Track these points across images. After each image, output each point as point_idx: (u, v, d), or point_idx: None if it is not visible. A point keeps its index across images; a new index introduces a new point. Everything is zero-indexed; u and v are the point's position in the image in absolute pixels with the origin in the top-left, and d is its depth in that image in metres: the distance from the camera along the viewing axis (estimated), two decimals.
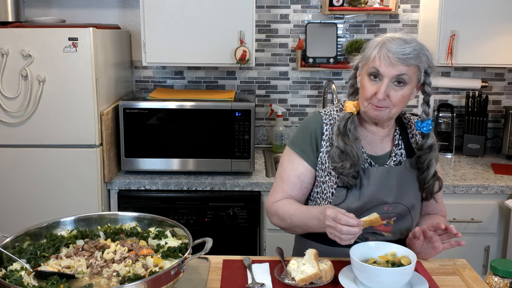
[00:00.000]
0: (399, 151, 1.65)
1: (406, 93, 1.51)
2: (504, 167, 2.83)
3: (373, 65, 1.50)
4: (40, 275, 1.28)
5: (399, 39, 1.49)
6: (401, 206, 1.59)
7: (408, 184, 1.61)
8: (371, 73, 1.51)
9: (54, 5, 3.09)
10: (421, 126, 1.60)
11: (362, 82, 1.55)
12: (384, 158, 1.63)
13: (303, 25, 3.13)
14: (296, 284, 1.39)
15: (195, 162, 2.66)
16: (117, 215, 1.58)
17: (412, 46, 1.48)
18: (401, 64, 1.47)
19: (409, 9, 3.12)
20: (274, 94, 3.22)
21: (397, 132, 1.67)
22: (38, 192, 2.52)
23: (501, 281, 1.40)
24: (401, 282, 1.36)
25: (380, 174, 1.59)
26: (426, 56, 1.52)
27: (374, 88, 1.50)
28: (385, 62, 1.47)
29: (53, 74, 2.42)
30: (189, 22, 2.73)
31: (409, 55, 1.47)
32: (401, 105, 1.53)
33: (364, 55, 1.56)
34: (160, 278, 1.22)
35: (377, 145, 1.65)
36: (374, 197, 1.57)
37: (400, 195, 1.59)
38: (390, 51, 1.47)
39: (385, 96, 1.49)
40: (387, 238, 1.60)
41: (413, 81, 1.51)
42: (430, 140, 1.60)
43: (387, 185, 1.58)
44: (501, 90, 3.22)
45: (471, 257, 2.33)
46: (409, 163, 1.63)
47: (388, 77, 1.48)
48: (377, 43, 1.52)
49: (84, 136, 2.48)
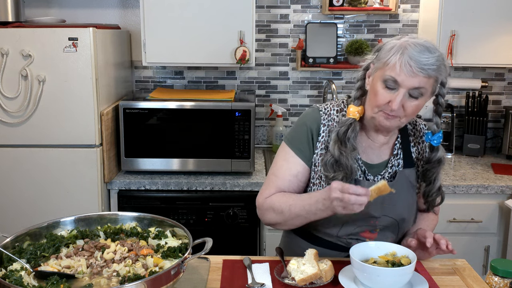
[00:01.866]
0: (396, 161, 1.59)
1: (421, 104, 1.44)
2: (504, 167, 2.83)
3: (391, 73, 1.39)
4: (40, 275, 1.28)
5: (422, 45, 1.39)
6: (389, 219, 1.56)
7: (400, 198, 1.54)
8: (386, 80, 1.41)
9: (54, 5, 3.09)
10: (432, 139, 1.52)
11: (374, 87, 1.44)
12: (380, 167, 1.58)
13: (303, 25, 3.13)
14: (296, 284, 1.39)
15: (195, 162, 2.66)
16: (117, 215, 1.58)
17: (436, 56, 1.39)
18: (422, 75, 1.37)
19: (409, 9, 3.12)
20: (274, 94, 3.22)
21: (398, 140, 1.60)
22: (38, 192, 2.52)
23: (501, 281, 1.40)
24: (401, 282, 1.36)
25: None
26: (446, 68, 1.44)
27: (388, 97, 1.41)
28: (405, 71, 1.37)
29: (53, 74, 2.42)
30: (189, 22, 2.73)
31: (432, 65, 1.37)
32: (413, 115, 1.47)
33: (379, 58, 1.44)
34: (160, 278, 1.22)
35: (375, 152, 1.58)
36: (361, 212, 1.50)
37: (389, 209, 1.55)
38: (412, 59, 1.36)
39: (400, 106, 1.41)
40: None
41: (428, 92, 1.44)
42: (440, 153, 1.54)
43: (376, 200, 1.50)
44: (501, 90, 3.22)
45: (471, 257, 2.33)
46: (405, 174, 1.58)
47: (406, 87, 1.39)
48: (397, 47, 1.40)
49: (84, 136, 2.48)
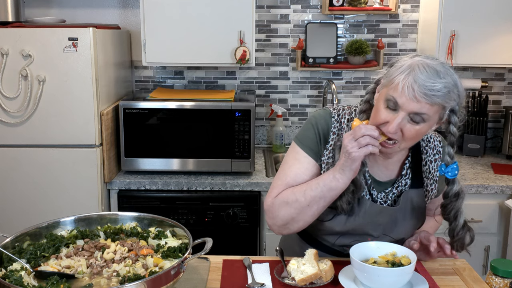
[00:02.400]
0: (404, 181, 1.52)
1: (423, 130, 1.34)
2: (504, 167, 2.83)
3: (394, 94, 1.31)
4: (40, 275, 1.28)
5: (432, 68, 1.29)
6: (387, 238, 1.54)
7: (403, 221, 1.52)
8: (388, 100, 1.33)
9: (54, 5, 3.09)
10: (446, 171, 1.39)
11: (377, 104, 1.38)
12: (387, 185, 1.53)
13: (303, 25, 3.13)
14: (296, 284, 1.39)
15: (195, 162, 2.66)
16: (117, 215, 1.58)
17: (444, 82, 1.28)
18: (425, 101, 1.28)
19: (409, 9, 3.12)
20: (274, 94, 3.22)
21: (408, 160, 1.52)
22: (38, 192, 2.52)
23: (501, 281, 1.40)
24: (401, 282, 1.36)
25: (373, 212, 1.50)
26: (458, 95, 1.33)
27: (387, 117, 1.34)
28: (407, 94, 1.28)
29: (53, 74, 2.42)
30: (189, 22, 2.73)
31: (437, 92, 1.27)
32: (414, 141, 1.38)
33: (388, 74, 1.37)
34: (160, 278, 1.22)
35: (382, 170, 1.52)
36: (360, 229, 1.51)
37: (389, 229, 1.53)
38: (417, 83, 1.27)
39: (398, 130, 1.33)
40: None
41: (433, 119, 1.34)
42: (457, 186, 1.41)
43: (377, 222, 1.50)
44: (501, 90, 3.22)
45: (471, 257, 2.33)
46: (410, 195, 1.52)
47: (406, 111, 1.30)
48: (406, 67, 1.31)
49: (84, 136, 2.48)
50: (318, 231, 1.58)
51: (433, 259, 1.56)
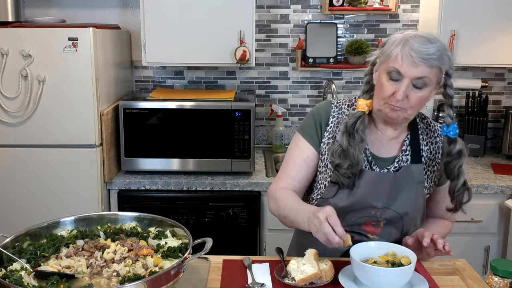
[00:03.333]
0: (405, 157, 1.59)
1: (426, 95, 1.46)
2: (504, 167, 2.83)
3: (394, 65, 1.43)
4: (40, 275, 1.28)
5: (423, 37, 1.43)
6: (391, 212, 1.56)
7: (404, 190, 1.56)
8: (390, 72, 1.45)
9: (54, 5, 3.09)
10: (448, 131, 1.51)
11: (380, 80, 1.49)
12: (387, 161, 1.59)
13: (303, 25, 3.13)
14: (296, 284, 1.39)
15: (195, 162, 2.66)
16: (117, 215, 1.58)
17: (436, 46, 1.42)
18: (424, 65, 1.40)
19: (409, 9, 3.12)
20: (274, 94, 3.22)
21: (407, 137, 1.61)
22: (38, 192, 2.52)
23: (501, 281, 1.40)
24: (401, 282, 1.36)
25: (372, 179, 1.55)
26: (448, 57, 1.46)
27: (392, 88, 1.45)
28: (407, 62, 1.41)
29: (53, 74, 2.42)
30: (189, 22, 2.73)
31: (433, 55, 1.40)
32: (419, 107, 1.49)
33: (383, 52, 1.49)
34: (160, 278, 1.22)
35: (384, 146, 1.60)
36: (362, 200, 1.55)
37: (391, 201, 1.55)
38: (414, 50, 1.40)
39: (404, 97, 1.44)
40: (372, 239, 1.58)
41: (433, 83, 1.46)
42: (459, 145, 1.51)
43: (378, 190, 1.54)
44: (501, 90, 3.22)
45: (471, 257, 2.33)
46: (410, 169, 1.57)
47: (409, 78, 1.42)
48: (399, 40, 1.44)
49: (84, 136, 2.48)
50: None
51: (430, 258, 1.55)
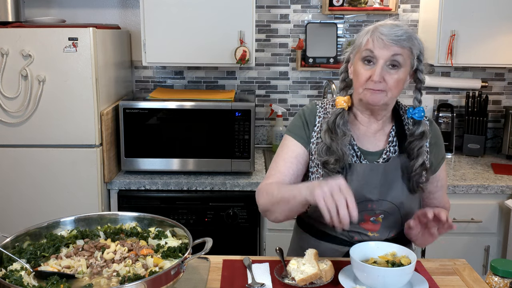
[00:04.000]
0: (392, 148, 1.61)
1: (401, 77, 1.50)
2: (504, 167, 2.83)
3: (366, 48, 1.49)
4: (40, 275, 1.28)
5: (390, 23, 1.50)
6: (387, 203, 1.57)
7: (396, 181, 1.58)
8: (364, 57, 1.50)
9: (54, 5, 3.09)
10: (413, 113, 1.57)
11: (356, 69, 1.53)
12: (375, 155, 1.60)
13: (303, 25, 3.13)
14: (296, 284, 1.40)
15: (195, 162, 2.66)
16: (117, 215, 1.58)
17: (404, 29, 1.49)
18: (395, 45, 1.46)
19: (409, 9, 3.12)
20: (274, 94, 3.22)
21: (393, 129, 1.63)
22: (38, 192, 2.52)
23: (501, 281, 1.40)
24: (401, 282, 1.36)
25: (363, 171, 1.56)
26: (417, 40, 1.52)
27: (368, 72, 1.49)
28: (378, 45, 1.47)
29: (53, 74, 2.42)
30: (189, 22, 2.73)
31: (401, 36, 1.46)
32: (397, 90, 1.51)
33: (355, 45, 1.55)
34: (160, 278, 1.22)
35: (370, 141, 1.62)
36: (357, 193, 1.52)
37: (385, 192, 1.57)
38: (383, 34, 1.46)
39: (381, 78, 1.47)
40: (372, 238, 1.59)
41: (407, 64, 1.50)
42: (422, 127, 1.58)
43: (370, 182, 1.56)
44: (501, 90, 3.22)
45: (471, 257, 2.33)
46: (399, 159, 1.59)
47: (383, 58, 1.47)
48: (367, 30, 1.52)
49: (84, 136, 2.48)
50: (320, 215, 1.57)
51: (435, 239, 1.54)
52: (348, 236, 1.61)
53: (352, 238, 1.60)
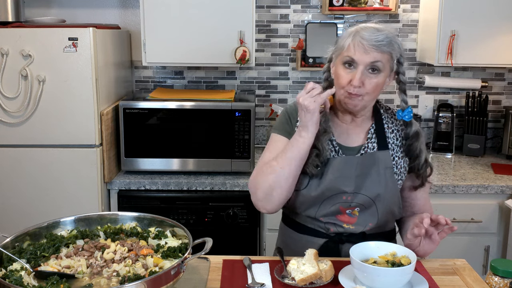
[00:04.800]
0: (371, 144, 1.65)
1: (380, 81, 1.54)
2: (504, 167, 2.83)
3: (348, 54, 1.52)
4: (40, 275, 1.28)
5: (372, 27, 1.53)
6: (362, 196, 1.60)
7: (372, 174, 1.61)
8: (345, 61, 1.53)
9: (54, 5, 3.09)
10: (403, 115, 1.61)
11: (337, 71, 1.57)
12: (354, 150, 1.64)
13: (303, 25, 3.13)
14: (296, 284, 1.40)
15: (195, 162, 2.66)
16: (117, 215, 1.58)
17: (385, 33, 1.52)
18: (375, 51, 1.50)
19: (409, 9, 3.12)
20: (274, 94, 3.22)
21: (372, 126, 1.67)
22: (38, 192, 2.52)
23: (501, 281, 1.40)
24: (401, 282, 1.36)
25: (338, 164, 1.60)
26: (398, 45, 1.55)
27: (349, 76, 1.53)
28: (359, 50, 1.50)
29: (53, 74, 2.42)
30: (189, 22, 2.73)
31: (382, 41, 1.50)
32: (375, 93, 1.56)
33: (337, 46, 1.58)
34: (160, 278, 1.22)
35: (350, 137, 1.66)
36: (333, 186, 1.60)
37: (360, 184, 1.60)
38: (364, 38, 1.50)
39: (360, 83, 1.51)
40: (347, 230, 1.62)
41: (386, 69, 1.54)
42: (414, 127, 1.62)
43: (345, 175, 1.59)
44: (501, 90, 3.22)
45: (471, 257, 2.33)
46: (378, 154, 1.63)
47: (363, 64, 1.51)
48: (350, 32, 1.54)
49: (84, 136, 2.48)
50: (300, 207, 1.65)
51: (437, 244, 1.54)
52: (324, 228, 1.64)
53: (328, 230, 1.64)
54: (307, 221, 1.67)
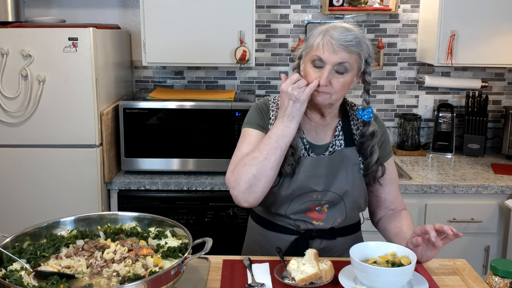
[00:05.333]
0: (338, 141, 1.68)
1: (347, 81, 1.55)
2: (504, 167, 2.83)
3: (316, 53, 1.53)
4: (40, 275, 1.28)
5: (342, 27, 1.54)
6: (331, 194, 1.63)
7: (340, 172, 1.64)
8: (314, 60, 1.54)
9: (54, 5, 3.09)
10: (362, 114, 1.63)
11: (306, 69, 1.58)
12: (322, 148, 1.67)
13: (303, 25, 3.13)
14: (296, 284, 1.39)
15: (195, 162, 2.66)
16: (117, 215, 1.58)
17: (354, 33, 1.52)
18: (343, 51, 1.50)
19: (409, 9, 3.12)
20: (274, 94, 3.21)
21: (339, 123, 1.70)
22: (38, 192, 2.52)
23: (501, 281, 1.40)
24: (401, 282, 1.36)
25: (309, 164, 1.62)
26: (367, 45, 1.56)
27: (316, 75, 1.53)
28: (328, 49, 1.51)
29: (53, 74, 2.42)
30: (189, 22, 2.73)
31: (351, 42, 1.51)
32: (342, 92, 1.57)
33: (307, 44, 1.59)
34: (160, 278, 1.22)
35: (319, 134, 1.69)
36: (303, 185, 1.62)
37: (329, 183, 1.62)
38: (333, 38, 1.50)
39: (327, 82, 1.52)
40: (317, 226, 1.65)
41: (354, 69, 1.55)
42: (372, 127, 1.64)
43: (316, 174, 1.62)
44: (501, 90, 3.22)
45: (471, 257, 2.33)
46: (344, 152, 1.66)
47: (331, 64, 1.52)
48: (320, 31, 1.55)
49: (84, 136, 2.48)
50: (270, 206, 1.67)
51: (439, 251, 1.51)
52: (294, 225, 1.67)
53: (299, 227, 1.66)
54: (277, 219, 1.70)
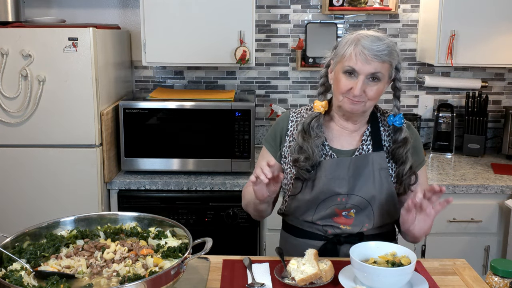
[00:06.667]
0: (366, 147, 1.66)
1: (380, 88, 1.56)
2: (504, 167, 2.83)
3: (349, 63, 1.53)
4: (40, 275, 1.28)
5: (373, 36, 1.53)
6: (357, 198, 1.61)
7: (366, 175, 1.61)
8: (346, 71, 1.54)
9: (54, 5, 3.09)
10: (394, 120, 1.62)
11: (337, 77, 1.57)
12: (348, 153, 1.65)
13: (303, 25, 3.13)
14: (296, 284, 1.40)
15: (195, 162, 2.66)
16: (117, 215, 1.58)
17: (386, 43, 1.53)
18: (376, 61, 1.51)
19: (409, 9, 3.12)
20: (274, 94, 3.22)
21: (368, 129, 1.68)
22: (38, 192, 2.52)
23: (501, 281, 1.40)
24: (401, 282, 1.36)
25: (330, 165, 1.62)
26: (397, 53, 1.57)
27: (349, 84, 1.54)
28: (360, 59, 1.51)
29: (53, 74, 2.42)
30: (189, 22, 2.73)
31: (383, 51, 1.51)
32: (376, 99, 1.58)
33: (337, 53, 1.59)
34: (160, 278, 1.22)
35: (345, 139, 1.67)
36: (326, 189, 1.61)
37: (353, 185, 1.61)
38: (365, 48, 1.50)
39: (361, 92, 1.53)
40: (345, 231, 1.63)
41: (385, 77, 1.56)
42: (404, 133, 1.62)
43: (339, 176, 1.61)
44: (501, 90, 3.22)
45: (471, 257, 2.33)
46: (372, 156, 1.63)
47: (364, 74, 1.52)
48: (351, 40, 1.54)
49: (84, 136, 2.48)
50: (297, 212, 1.67)
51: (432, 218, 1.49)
52: (322, 230, 1.66)
53: (326, 232, 1.65)
54: (305, 225, 1.69)
